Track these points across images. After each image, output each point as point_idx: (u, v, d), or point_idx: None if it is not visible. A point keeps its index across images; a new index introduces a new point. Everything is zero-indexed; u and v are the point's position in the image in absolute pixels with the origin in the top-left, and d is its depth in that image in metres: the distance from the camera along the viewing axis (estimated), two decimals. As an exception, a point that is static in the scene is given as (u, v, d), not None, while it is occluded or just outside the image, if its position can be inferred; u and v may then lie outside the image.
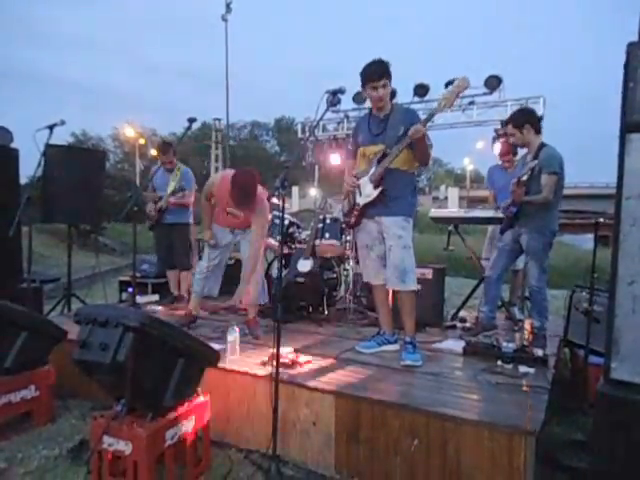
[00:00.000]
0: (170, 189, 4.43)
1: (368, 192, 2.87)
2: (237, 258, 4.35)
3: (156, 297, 4.88)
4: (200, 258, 3.94)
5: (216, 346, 2.49)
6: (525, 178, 3.07)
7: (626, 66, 1.56)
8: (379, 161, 2.81)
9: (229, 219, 3.47)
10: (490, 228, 4.68)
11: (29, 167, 3.97)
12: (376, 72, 2.75)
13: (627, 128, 1.57)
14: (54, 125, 3.77)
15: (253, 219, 3.32)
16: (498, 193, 4.32)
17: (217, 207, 3.49)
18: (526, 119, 3.23)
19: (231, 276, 3.96)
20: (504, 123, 3.37)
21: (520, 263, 3.73)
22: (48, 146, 3.92)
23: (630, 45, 1.55)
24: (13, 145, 4.30)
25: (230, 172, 3.28)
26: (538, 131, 3.22)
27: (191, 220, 4.74)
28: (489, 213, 4.03)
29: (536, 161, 3.06)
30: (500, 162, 4.46)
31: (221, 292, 3.86)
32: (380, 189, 2.81)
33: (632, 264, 1.56)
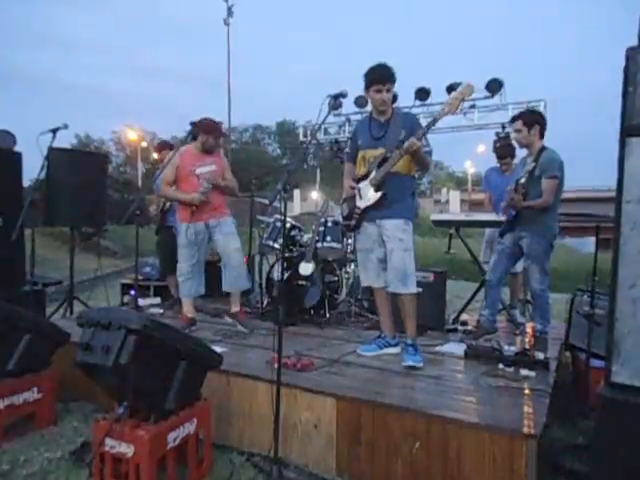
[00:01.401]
0: None
1: (369, 196, 2.88)
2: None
3: (158, 300, 4.90)
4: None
5: (218, 349, 2.50)
6: (523, 181, 3.08)
7: (625, 70, 1.57)
8: (379, 165, 2.81)
9: (197, 185, 3.50)
10: (487, 231, 4.68)
11: (32, 170, 4.00)
12: (382, 75, 2.75)
13: (627, 132, 1.58)
14: (57, 129, 3.81)
15: (224, 163, 3.71)
16: (495, 195, 4.34)
17: (180, 189, 3.57)
18: (537, 120, 3.25)
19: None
20: (513, 119, 3.35)
21: (519, 266, 3.73)
22: (51, 149, 3.95)
23: (629, 50, 1.56)
24: (16, 148, 4.33)
25: (185, 146, 3.61)
26: (542, 136, 3.25)
27: None
28: (490, 216, 4.03)
29: (534, 164, 3.07)
30: (498, 165, 4.49)
31: (220, 294, 3.86)
32: (381, 193, 2.82)
33: (632, 268, 1.57)
